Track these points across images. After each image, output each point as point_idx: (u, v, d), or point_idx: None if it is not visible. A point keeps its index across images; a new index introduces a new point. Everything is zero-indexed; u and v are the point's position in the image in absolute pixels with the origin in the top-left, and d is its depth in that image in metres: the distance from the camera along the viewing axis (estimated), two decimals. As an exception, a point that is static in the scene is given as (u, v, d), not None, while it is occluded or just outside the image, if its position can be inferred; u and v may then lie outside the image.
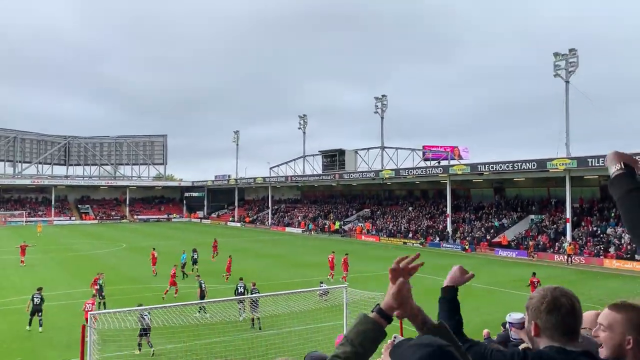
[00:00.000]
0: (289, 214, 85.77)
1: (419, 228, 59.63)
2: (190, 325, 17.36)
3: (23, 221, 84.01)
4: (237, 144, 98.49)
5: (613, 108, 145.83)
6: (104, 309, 22.90)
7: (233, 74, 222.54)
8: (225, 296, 23.05)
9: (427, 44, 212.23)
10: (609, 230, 43.86)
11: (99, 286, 24.38)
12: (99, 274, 25.77)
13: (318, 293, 22.92)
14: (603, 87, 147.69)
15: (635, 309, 2.16)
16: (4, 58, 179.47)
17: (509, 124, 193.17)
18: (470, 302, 26.06)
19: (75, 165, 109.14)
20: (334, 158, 77.83)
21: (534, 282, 27.26)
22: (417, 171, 60.41)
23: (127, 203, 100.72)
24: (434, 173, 57.46)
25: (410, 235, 58.69)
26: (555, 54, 47.83)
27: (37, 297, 21.28)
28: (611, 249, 41.23)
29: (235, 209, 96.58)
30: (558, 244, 45.12)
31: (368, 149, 75.62)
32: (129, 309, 18.84)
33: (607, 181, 2.34)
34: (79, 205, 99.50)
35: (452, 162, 62.75)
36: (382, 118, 72.24)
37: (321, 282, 28.22)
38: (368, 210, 73.99)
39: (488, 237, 51.41)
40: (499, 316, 21.98)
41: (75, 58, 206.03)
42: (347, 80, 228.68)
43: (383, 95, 72.37)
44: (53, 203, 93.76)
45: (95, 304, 20.97)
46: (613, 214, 45.45)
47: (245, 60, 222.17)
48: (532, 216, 52.90)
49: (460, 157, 69.80)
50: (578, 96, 50.45)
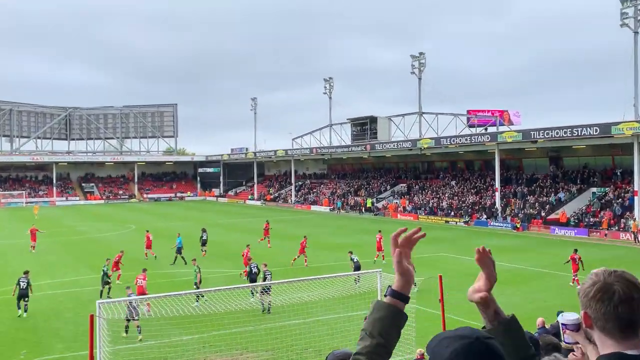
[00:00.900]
0: (314, 190, 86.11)
1: (463, 204, 59.25)
2: (209, 314, 17.71)
3: (23, 202, 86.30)
4: (255, 113, 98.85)
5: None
6: (107, 295, 23.66)
7: (250, 33, 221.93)
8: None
9: None
10: (685, 204, 42.83)
11: (102, 272, 25.15)
12: (120, 252, 28.74)
13: (354, 278, 23.09)
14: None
15: None
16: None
17: (567, 84, 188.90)
18: (522, 287, 25.96)
19: (78, 139, 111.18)
20: (364, 126, 77.44)
21: (574, 259, 27.35)
22: (461, 139, 59.70)
23: (136, 180, 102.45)
24: (480, 141, 56.71)
25: (453, 213, 58.40)
26: (623, 0, 46.27)
27: (24, 281, 22.14)
28: (687, 226, 40.33)
29: (255, 186, 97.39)
30: (624, 220, 44.35)
31: (403, 115, 74.98)
32: (140, 297, 19.32)
33: None
34: (83, 184, 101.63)
35: (501, 129, 61.77)
36: (420, 79, 71.35)
37: (350, 252, 28.56)
38: (404, 185, 73.73)
39: (543, 214, 50.82)
40: (555, 303, 21.88)
41: (73, 18, 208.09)
42: (379, 36, 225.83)
43: (421, 53, 71.30)
44: (54, 182, 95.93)
45: (145, 278, 23.08)
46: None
47: (263, 18, 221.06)
48: (594, 189, 52.00)
49: (510, 123, 68.55)
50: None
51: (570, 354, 3.14)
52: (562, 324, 4.07)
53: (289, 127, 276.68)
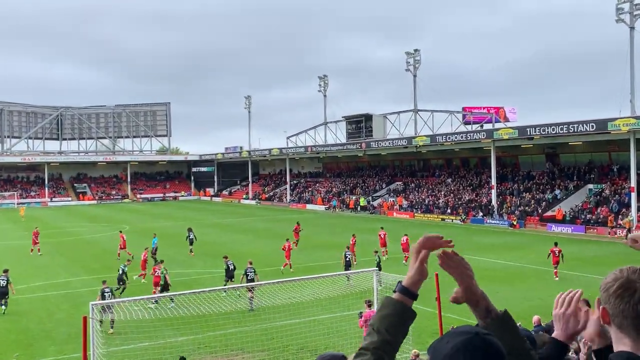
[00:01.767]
0: (309, 189, 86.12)
1: (459, 202, 59.38)
2: (204, 315, 17.69)
3: (14, 203, 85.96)
4: (250, 111, 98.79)
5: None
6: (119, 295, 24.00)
7: (244, 30, 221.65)
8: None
9: None
10: (682, 201, 43.03)
11: (121, 271, 25.52)
12: (145, 250, 30.02)
13: (346, 277, 23.12)
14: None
15: None
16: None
17: (563, 80, 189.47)
18: (519, 285, 26.05)
19: (70, 139, 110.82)
20: (359, 124, 77.48)
21: (554, 252, 27.73)
22: (457, 137, 59.79)
23: (129, 180, 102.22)
24: (476, 139, 56.83)
25: (449, 210, 58.50)
26: (618, -5, 46.45)
27: (3, 279, 22.25)
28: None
29: (249, 185, 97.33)
30: (621, 217, 44.53)
31: (399, 112, 75.05)
32: (134, 298, 19.28)
33: None
34: (75, 184, 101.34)
35: (497, 126, 61.89)
36: (415, 77, 71.46)
37: (347, 247, 29.03)
38: (400, 183, 73.82)
39: (539, 211, 50.98)
40: (552, 300, 21.91)
41: (65, 16, 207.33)
42: (376, 33, 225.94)
43: (415, 50, 71.36)
44: (46, 182, 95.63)
45: (161, 268, 24.58)
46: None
47: (257, 14, 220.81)
48: (591, 186, 52.20)
49: (506, 120, 68.71)
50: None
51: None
52: None
53: (284, 126, 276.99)
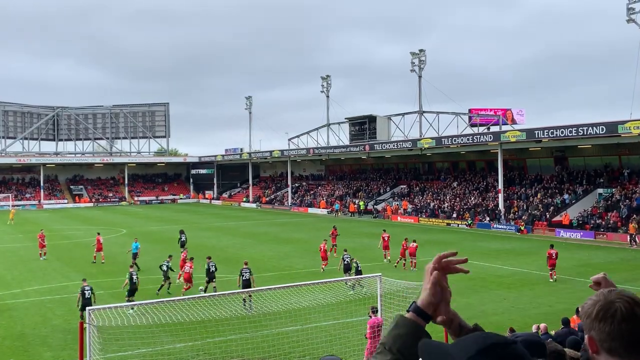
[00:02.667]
0: (311, 192, 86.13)
1: (466, 206, 59.33)
2: (203, 321, 17.71)
3: (9, 205, 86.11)
4: (250, 112, 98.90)
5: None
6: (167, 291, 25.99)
7: (244, 28, 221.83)
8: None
9: None
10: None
11: (166, 267, 26.96)
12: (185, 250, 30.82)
13: (348, 285, 23.15)
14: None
15: None
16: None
17: (572, 81, 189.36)
18: (527, 292, 26.02)
19: (66, 140, 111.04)
20: (363, 126, 77.51)
21: (551, 255, 28.34)
22: (463, 139, 59.77)
23: (126, 182, 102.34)
24: (482, 141, 56.79)
25: (455, 215, 58.46)
26: (629, -5, 46.50)
27: None
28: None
29: (250, 188, 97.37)
30: (631, 222, 44.44)
31: (403, 114, 75.09)
32: (132, 303, 19.31)
33: None
34: (71, 186, 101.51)
35: (505, 128, 61.90)
36: (420, 77, 71.49)
37: (345, 250, 29.26)
38: (404, 186, 73.80)
39: (547, 216, 50.92)
40: (560, 308, 21.93)
41: (61, 13, 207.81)
42: (381, 31, 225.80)
43: (421, 50, 71.41)
44: (42, 184, 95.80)
45: (192, 266, 26.05)
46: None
47: (258, 12, 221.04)
48: (600, 190, 52.12)
49: (513, 122, 68.74)
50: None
51: None
52: None
53: (285, 127, 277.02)
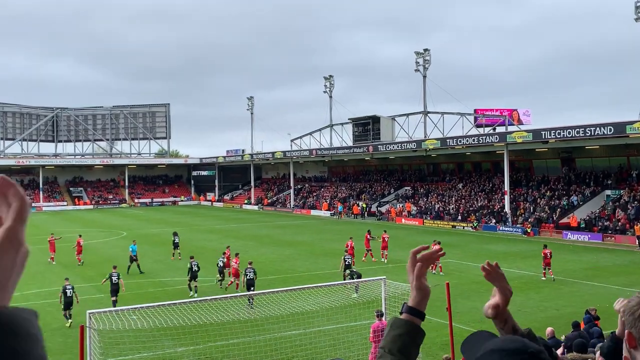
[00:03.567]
0: (314, 194, 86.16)
1: (471, 208, 59.28)
2: (205, 324, 17.74)
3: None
4: (252, 113, 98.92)
5: None
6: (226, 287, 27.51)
7: (247, 28, 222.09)
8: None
9: None
10: None
11: (221, 263, 28.68)
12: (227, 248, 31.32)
13: (354, 287, 23.15)
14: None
15: None
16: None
17: (579, 81, 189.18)
18: (533, 295, 25.99)
19: (65, 141, 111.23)
20: (366, 127, 77.50)
21: (546, 254, 29.33)
22: (468, 140, 59.72)
23: (126, 184, 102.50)
24: (488, 142, 56.73)
25: (460, 217, 58.42)
26: (637, -7, 46.43)
27: None
28: None
29: (252, 190, 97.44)
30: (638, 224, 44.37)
31: (407, 114, 75.05)
32: (133, 306, 19.34)
33: None
34: (71, 188, 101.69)
35: (511, 129, 61.83)
36: (425, 77, 71.44)
37: (345, 251, 29.77)
38: (409, 188, 73.77)
39: (554, 218, 50.85)
40: (568, 311, 21.92)
41: (60, 12, 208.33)
42: (386, 30, 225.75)
43: (425, 50, 71.33)
44: (41, 186, 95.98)
45: (238, 262, 27.83)
46: None
47: (261, 11, 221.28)
48: (608, 191, 52.03)
49: (520, 122, 68.68)
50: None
51: None
52: None
53: (288, 128, 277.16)
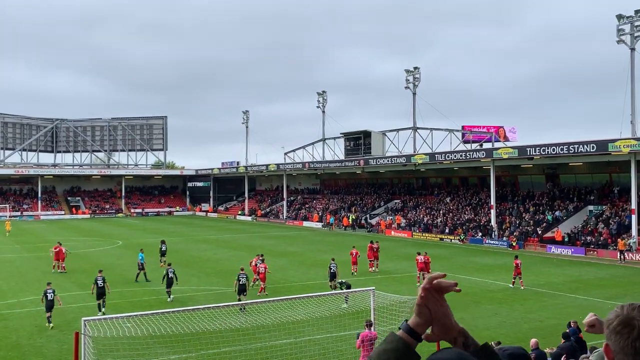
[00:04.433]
0: (306, 206, 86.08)
1: (458, 221, 59.40)
2: (197, 333, 17.63)
3: (7, 216, 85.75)
4: (247, 126, 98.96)
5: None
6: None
7: (243, 44, 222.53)
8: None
9: (486, 2, 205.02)
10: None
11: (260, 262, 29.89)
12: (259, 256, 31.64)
13: (344, 297, 23.10)
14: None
15: None
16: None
17: (564, 100, 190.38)
18: (518, 307, 26.00)
19: (64, 152, 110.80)
20: (358, 141, 77.70)
21: (517, 265, 30.23)
22: (456, 155, 59.96)
23: (123, 195, 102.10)
24: (475, 158, 56.99)
25: (448, 230, 58.49)
26: (619, 17, 46.93)
27: None
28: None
29: (246, 201, 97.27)
30: (621, 239, 44.57)
31: (397, 130, 75.32)
32: (127, 314, 19.19)
33: None
34: (69, 198, 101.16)
35: (497, 145, 62.13)
36: (414, 94, 71.83)
37: (332, 259, 30.66)
38: (398, 201, 73.86)
39: (539, 232, 51.01)
40: (552, 323, 21.93)
41: (61, 26, 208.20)
42: (380, 48, 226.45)
43: (415, 68, 71.81)
44: (40, 195, 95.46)
45: (266, 266, 29.31)
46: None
47: (257, 28, 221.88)
48: (591, 207, 52.30)
49: (506, 139, 69.08)
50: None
51: None
52: None
53: (282, 141, 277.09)
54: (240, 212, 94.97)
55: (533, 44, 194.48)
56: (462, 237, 55.09)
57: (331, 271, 29.45)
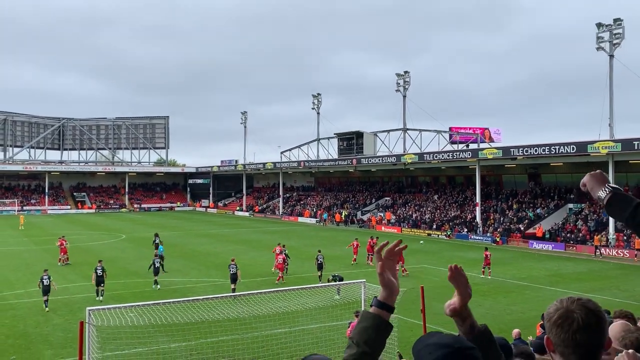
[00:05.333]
0: (301, 202, 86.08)
1: (445, 218, 59.53)
2: (196, 322, 17.63)
3: (15, 210, 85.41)
4: (245, 126, 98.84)
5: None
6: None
7: (243, 46, 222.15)
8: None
9: (478, 8, 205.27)
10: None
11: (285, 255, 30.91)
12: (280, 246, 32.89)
13: (336, 289, 23.13)
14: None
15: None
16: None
17: (546, 103, 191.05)
18: (501, 299, 26.09)
19: (70, 149, 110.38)
20: (351, 141, 77.71)
21: (487, 256, 31.14)
22: (443, 155, 60.09)
23: (127, 190, 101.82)
24: (461, 157, 57.13)
25: (435, 226, 58.62)
26: (599, 25, 47.07)
27: None
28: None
29: (244, 197, 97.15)
30: (598, 235, 44.80)
31: (388, 131, 75.39)
32: (130, 304, 19.16)
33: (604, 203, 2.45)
34: (75, 193, 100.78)
35: (482, 146, 62.30)
36: (405, 97, 71.89)
37: (319, 251, 31.55)
38: (389, 198, 73.96)
39: (521, 228, 51.19)
40: (532, 315, 22.01)
41: (68, 27, 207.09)
42: (375, 52, 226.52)
43: (406, 72, 71.88)
44: (47, 191, 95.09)
45: (284, 257, 30.51)
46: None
47: (258, 30, 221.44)
48: (571, 205, 52.54)
49: (491, 140, 69.30)
50: (624, 72, 49.69)
51: None
52: None
53: (278, 141, 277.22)
54: (238, 208, 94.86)
55: (519, 50, 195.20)
56: (449, 233, 55.21)
57: (318, 262, 30.28)
